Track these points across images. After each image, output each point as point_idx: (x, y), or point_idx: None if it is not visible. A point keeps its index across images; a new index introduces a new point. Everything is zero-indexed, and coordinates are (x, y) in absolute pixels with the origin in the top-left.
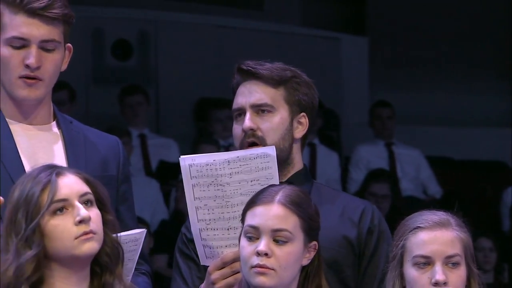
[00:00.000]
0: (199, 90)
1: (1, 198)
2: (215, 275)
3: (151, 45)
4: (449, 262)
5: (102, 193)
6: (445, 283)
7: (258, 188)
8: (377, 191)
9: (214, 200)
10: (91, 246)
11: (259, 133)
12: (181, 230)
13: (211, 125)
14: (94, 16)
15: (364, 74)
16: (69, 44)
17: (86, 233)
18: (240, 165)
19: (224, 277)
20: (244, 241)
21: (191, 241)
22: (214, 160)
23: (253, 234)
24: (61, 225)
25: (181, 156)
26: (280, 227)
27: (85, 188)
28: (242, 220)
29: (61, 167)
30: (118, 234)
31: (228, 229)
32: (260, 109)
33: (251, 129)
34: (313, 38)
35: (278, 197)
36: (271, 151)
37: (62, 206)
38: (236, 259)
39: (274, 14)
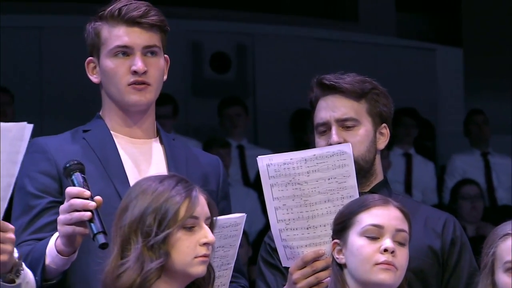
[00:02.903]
0: (295, 101)
1: (100, 197)
2: (296, 275)
3: (248, 57)
4: None
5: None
6: None
7: (336, 186)
8: (469, 192)
9: (293, 200)
10: (203, 270)
11: None
12: (264, 240)
13: (308, 136)
14: (193, 30)
15: (459, 85)
16: (166, 55)
17: (205, 256)
18: (317, 163)
19: (305, 276)
20: (363, 240)
21: (276, 250)
22: (291, 159)
23: (375, 233)
24: (186, 241)
25: (259, 156)
26: (401, 227)
27: (209, 211)
28: (344, 226)
29: (194, 185)
30: (216, 218)
31: (307, 228)
32: (345, 124)
33: (339, 144)
34: (409, 49)
35: (391, 201)
36: (347, 148)
37: (193, 224)
38: (317, 258)
39: (370, 25)
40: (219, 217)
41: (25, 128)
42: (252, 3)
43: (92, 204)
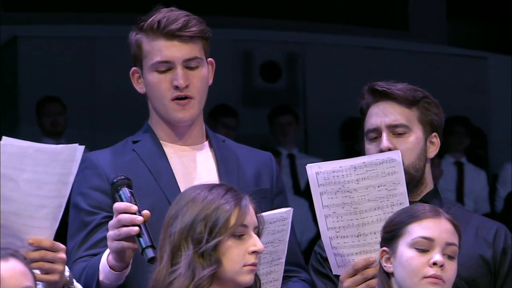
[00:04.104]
0: (346, 110)
1: (148, 212)
2: (347, 282)
3: (299, 66)
4: None
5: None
6: None
7: (385, 193)
8: None
9: (343, 207)
10: (252, 278)
11: None
12: (314, 250)
13: (359, 145)
14: (244, 39)
15: (511, 93)
16: (210, 59)
17: (254, 265)
18: (366, 171)
19: (356, 284)
20: (412, 252)
21: (326, 259)
22: (340, 167)
23: (425, 246)
24: (236, 249)
25: (308, 165)
26: (452, 241)
27: (257, 221)
28: (393, 235)
29: (244, 194)
30: (262, 214)
31: (357, 236)
32: (396, 130)
33: (389, 150)
34: (460, 58)
35: (443, 213)
36: (396, 156)
37: (243, 232)
38: (367, 265)
39: (420, 34)
40: (265, 213)
41: (77, 150)
42: (303, 12)
43: (139, 218)
